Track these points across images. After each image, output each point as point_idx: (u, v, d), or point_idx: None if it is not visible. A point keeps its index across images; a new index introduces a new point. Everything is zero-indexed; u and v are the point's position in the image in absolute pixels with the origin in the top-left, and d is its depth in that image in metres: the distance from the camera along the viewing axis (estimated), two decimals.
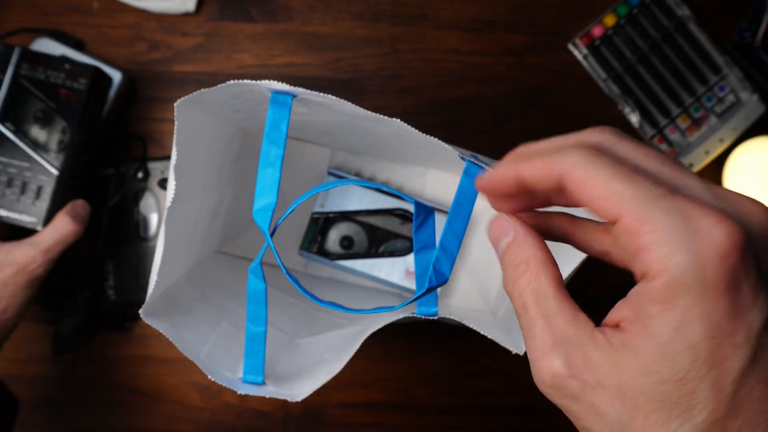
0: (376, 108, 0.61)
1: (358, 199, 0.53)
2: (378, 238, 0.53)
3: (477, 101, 0.59)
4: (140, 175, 0.55)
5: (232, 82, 0.34)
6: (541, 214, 0.26)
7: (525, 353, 0.37)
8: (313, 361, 0.42)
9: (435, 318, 0.40)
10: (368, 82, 0.58)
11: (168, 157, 0.56)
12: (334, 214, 0.53)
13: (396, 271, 0.53)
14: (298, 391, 0.37)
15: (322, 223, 0.53)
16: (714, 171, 0.59)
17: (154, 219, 0.56)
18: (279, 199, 0.56)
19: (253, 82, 0.34)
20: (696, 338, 0.19)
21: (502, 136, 0.58)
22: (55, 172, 0.50)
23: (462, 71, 0.59)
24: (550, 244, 0.25)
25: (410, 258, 0.53)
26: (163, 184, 0.56)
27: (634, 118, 0.58)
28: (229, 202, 0.53)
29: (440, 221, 0.53)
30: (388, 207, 0.53)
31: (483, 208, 0.54)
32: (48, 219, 0.50)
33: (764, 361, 0.20)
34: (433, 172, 0.55)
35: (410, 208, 0.53)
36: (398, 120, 0.34)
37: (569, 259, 0.37)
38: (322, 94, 0.34)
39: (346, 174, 0.53)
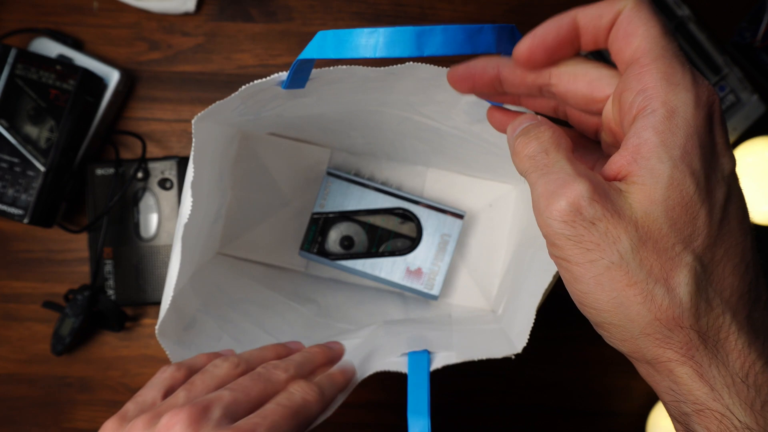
0: None
1: (357, 198, 0.53)
2: (378, 237, 0.53)
3: None
4: (140, 175, 0.55)
5: (244, 87, 0.35)
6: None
7: (523, 350, 0.37)
8: None
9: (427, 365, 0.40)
10: None
11: (168, 158, 0.56)
12: (334, 214, 0.53)
13: (397, 270, 0.53)
14: None
15: (322, 224, 0.53)
16: None
17: (154, 219, 0.56)
18: (279, 199, 0.56)
19: (264, 80, 0.34)
20: (696, 166, 0.22)
21: None
22: (42, 168, 0.52)
23: None
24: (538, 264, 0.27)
25: (411, 257, 0.53)
26: (163, 184, 0.56)
27: None
28: (229, 204, 0.53)
29: (440, 219, 0.53)
30: (388, 206, 0.53)
31: (483, 205, 0.54)
32: (34, 212, 0.53)
33: (735, 199, 0.23)
34: (433, 170, 0.55)
35: (410, 207, 0.53)
36: (411, 62, 0.33)
37: (546, 272, 0.38)
38: (332, 68, 0.33)
39: (345, 174, 0.53)
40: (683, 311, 0.22)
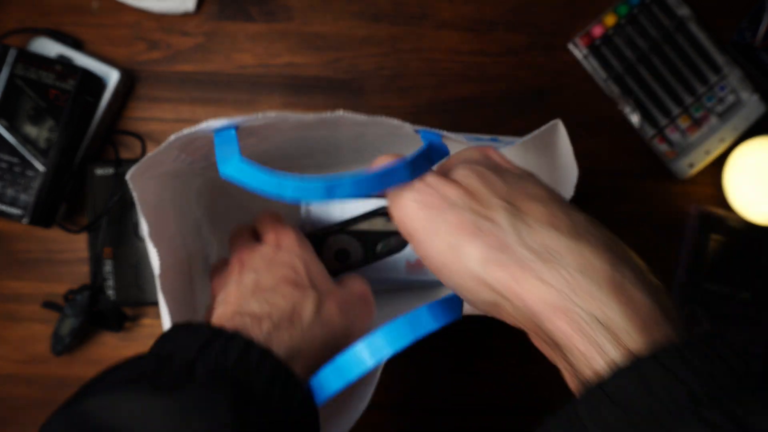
0: (376, 108, 0.61)
1: (339, 210, 0.52)
2: (371, 241, 0.53)
3: (477, 101, 0.58)
4: None
5: (173, 136, 0.35)
6: None
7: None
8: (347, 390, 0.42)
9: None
10: (368, 82, 0.58)
11: None
12: (321, 232, 0.53)
13: (398, 267, 0.53)
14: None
15: (312, 245, 0.53)
16: (714, 171, 0.59)
17: None
18: None
19: (194, 129, 0.35)
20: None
21: (502, 135, 0.58)
22: (42, 168, 0.52)
23: (462, 71, 0.58)
24: None
25: (408, 250, 0.52)
26: None
27: (635, 118, 0.58)
28: (218, 252, 0.53)
29: None
30: (371, 209, 0.52)
31: None
32: (34, 213, 0.52)
33: (525, 177, 0.31)
34: None
35: None
36: (341, 111, 0.35)
37: None
38: (260, 115, 0.34)
39: None
40: (507, 233, 0.27)
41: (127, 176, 0.36)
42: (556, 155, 0.41)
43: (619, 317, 0.24)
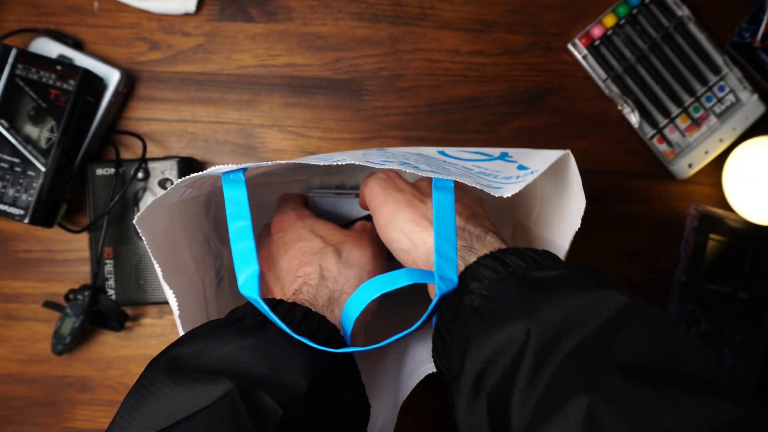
0: (376, 108, 0.61)
1: (348, 209, 0.52)
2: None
3: (477, 101, 0.59)
4: (140, 175, 0.55)
5: (179, 181, 0.35)
6: None
7: None
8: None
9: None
10: (368, 82, 0.58)
11: (168, 158, 0.56)
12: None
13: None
14: None
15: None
16: (713, 171, 0.59)
17: None
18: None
19: (202, 173, 0.35)
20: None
21: (502, 136, 0.58)
22: (42, 168, 0.52)
23: (462, 71, 0.59)
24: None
25: None
26: (163, 184, 0.56)
27: (634, 119, 0.58)
28: (227, 261, 0.52)
29: None
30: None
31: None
32: (35, 212, 0.53)
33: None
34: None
35: None
36: (363, 160, 0.36)
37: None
38: (271, 162, 0.35)
39: (328, 190, 0.52)
40: (428, 209, 0.39)
41: (135, 220, 0.36)
42: (566, 185, 0.41)
43: (477, 245, 0.37)
